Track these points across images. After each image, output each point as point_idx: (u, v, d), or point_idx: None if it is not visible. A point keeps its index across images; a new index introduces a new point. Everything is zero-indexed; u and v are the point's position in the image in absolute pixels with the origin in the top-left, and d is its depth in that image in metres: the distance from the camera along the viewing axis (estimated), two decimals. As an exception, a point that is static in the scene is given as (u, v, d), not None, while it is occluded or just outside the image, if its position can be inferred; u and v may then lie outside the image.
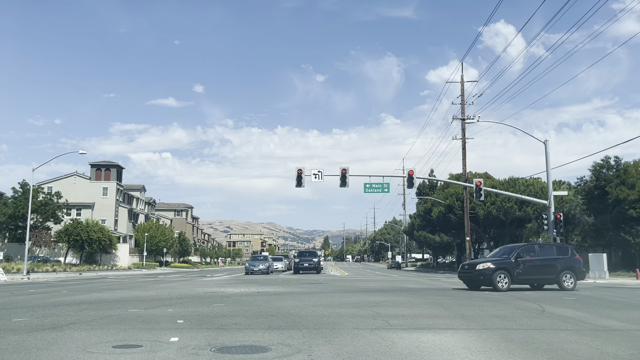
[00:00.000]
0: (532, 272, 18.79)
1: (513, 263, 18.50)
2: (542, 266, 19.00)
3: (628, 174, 39.02)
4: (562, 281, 18.93)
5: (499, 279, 18.11)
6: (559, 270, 19.00)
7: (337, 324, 9.18)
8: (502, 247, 20.82)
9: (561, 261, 19.24)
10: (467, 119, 42.68)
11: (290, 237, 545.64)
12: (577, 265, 19.53)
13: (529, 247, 19.70)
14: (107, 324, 9.21)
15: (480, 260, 20.24)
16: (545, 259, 19.23)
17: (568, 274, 19.06)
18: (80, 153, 38.77)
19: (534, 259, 19.00)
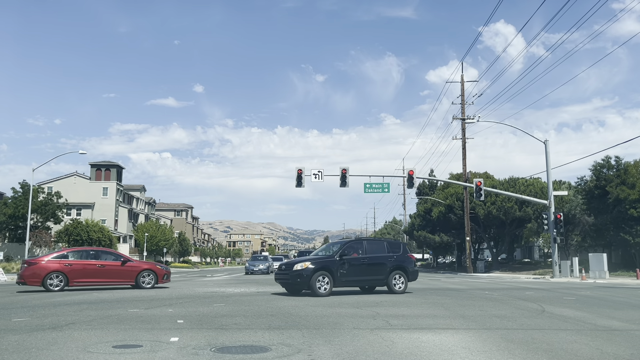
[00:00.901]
0: (359, 273, 16.33)
1: (337, 262, 15.94)
2: (371, 265, 16.59)
3: (628, 173, 39.00)
4: (392, 283, 16.72)
5: (319, 281, 15.44)
6: (389, 270, 16.76)
7: (337, 324, 9.18)
8: (329, 243, 17.31)
9: (392, 260, 16.95)
10: (467, 119, 42.67)
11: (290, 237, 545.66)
12: (408, 264, 17.39)
13: (357, 244, 17.25)
14: (107, 324, 9.21)
15: (300, 258, 17.64)
16: (375, 256, 16.82)
17: (398, 274, 16.85)
18: (80, 153, 38.82)
19: (362, 257, 16.52)
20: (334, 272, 15.77)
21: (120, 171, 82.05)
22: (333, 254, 16.35)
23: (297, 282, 15.66)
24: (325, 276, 15.58)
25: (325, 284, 15.52)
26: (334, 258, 16.06)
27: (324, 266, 15.77)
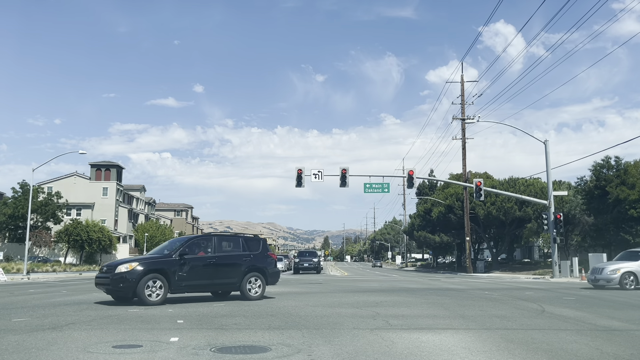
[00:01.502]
0: (204, 275, 13.59)
1: (175, 262, 13.17)
2: (220, 266, 13.96)
3: (628, 174, 39.00)
4: (246, 287, 14.18)
5: (148, 287, 12.59)
6: (243, 271, 14.23)
7: (337, 324, 9.18)
8: (174, 239, 15.35)
9: (248, 260, 14.38)
10: (467, 119, 42.68)
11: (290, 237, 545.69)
12: (268, 265, 14.89)
13: (204, 240, 14.41)
14: (107, 324, 9.21)
15: (126, 259, 14.72)
16: (227, 255, 14.26)
17: (254, 277, 14.34)
18: (80, 153, 38.80)
19: (210, 257, 13.83)
20: (169, 274, 12.95)
21: (120, 171, 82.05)
22: (171, 253, 13.54)
23: (120, 287, 12.64)
24: (158, 280, 12.73)
25: (157, 290, 12.68)
26: (172, 257, 13.27)
27: (157, 267, 12.94)
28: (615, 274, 19.59)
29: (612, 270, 19.75)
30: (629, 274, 19.51)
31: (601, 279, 19.98)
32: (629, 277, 19.45)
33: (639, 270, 19.56)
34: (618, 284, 19.38)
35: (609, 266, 20.23)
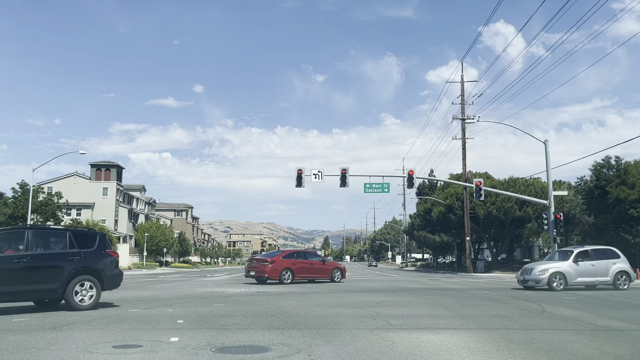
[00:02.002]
0: (11, 281, 10.41)
1: None
2: (35, 269, 10.76)
3: (629, 173, 38.99)
4: (72, 295, 11.15)
5: None
6: (68, 274, 11.11)
7: (337, 324, 9.18)
8: None
9: (76, 259, 11.35)
10: (467, 119, 42.68)
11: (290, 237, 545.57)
12: (105, 265, 11.89)
13: (14, 234, 11.31)
14: (107, 324, 9.21)
15: None
16: (45, 254, 11.12)
17: (85, 281, 11.36)
18: (80, 153, 38.83)
19: (20, 256, 10.67)
20: None
21: (120, 171, 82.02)
22: None
23: None
24: None
25: None
26: None
27: None
28: (543, 274, 18.69)
29: (541, 270, 18.87)
30: (557, 274, 18.66)
31: (530, 279, 19.06)
32: (557, 278, 18.64)
33: (568, 271, 18.78)
34: (547, 284, 18.57)
35: (538, 266, 19.33)
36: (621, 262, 19.91)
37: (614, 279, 19.44)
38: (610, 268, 19.54)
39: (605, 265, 19.51)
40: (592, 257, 19.51)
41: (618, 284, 19.43)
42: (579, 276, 19.02)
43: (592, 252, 19.72)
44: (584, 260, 19.32)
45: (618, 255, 20.26)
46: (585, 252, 19.63)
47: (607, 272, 19.42)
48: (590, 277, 19.23)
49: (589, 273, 19.21)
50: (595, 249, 20.19)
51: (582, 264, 19.16)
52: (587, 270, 19.15)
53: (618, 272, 19.54)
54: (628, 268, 19.97)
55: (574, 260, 19.16)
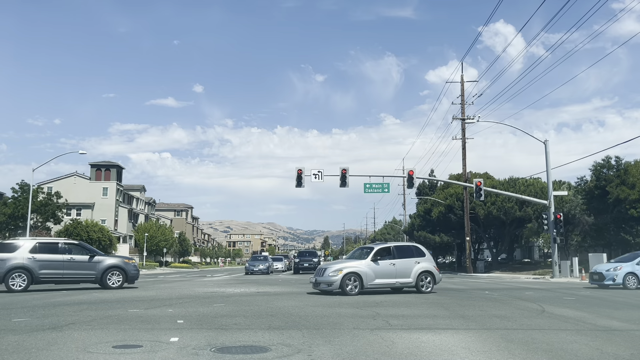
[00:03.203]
0: None
1: None
2: None
3: (629, 173, 39.02)
4: None
5: None
6: None
7: (337, 324, 9.18)
8: None
9: None
10: (467, 119, 42.68)
11: (290, 237, 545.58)
12: None
13: None
14: (107, 324, 9.21)
15: None
16: None
17: None
18: (80, 153, 38.82)
19: None
20: None
21: (120, 171, 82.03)
22: None
23: None
24: None
25: None
26: None
27: None
28: (336, 275, 16.07)
29: (334, 271, 16.23)
30: (351, 276, 16.17)
31: (322, 281, 16.41)
32: (351, 280, 16.08)
33: (365, 271, 16.40)
34: (339, 287, 15.98)
35: (332, 266, 16.73)
36: (426, 262, 17.62)
37: (416, 280, 17.09)
38: (413, 268, 17.19)
39: (408, 265, 17.18)
40: (395, 255, 17.15)
41: (421, 285, 17.18)
42: (378, 277, 16.59)
43: (395, 250, 17.35)
44: (385, 258, 16.92)
45: (423, 253, 17.93)
46: (386, 250, 17.25)
47: (409, 272, 17.10)
48: (391, 279, 16.85)
49: (389, 274, 16.82)
50: (399, 246, 17.76)
51: (383, 263, 16.77)
52: (387, 270, 16.78)
53: (421, 273, 17.28)
54: (432, 268, 17.77)
55: (373, 259, 16.66)
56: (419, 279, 17.17)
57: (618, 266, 21.14)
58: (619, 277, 20.60)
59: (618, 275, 20.67)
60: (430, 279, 17.45)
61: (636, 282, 20.48)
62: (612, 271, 20.93)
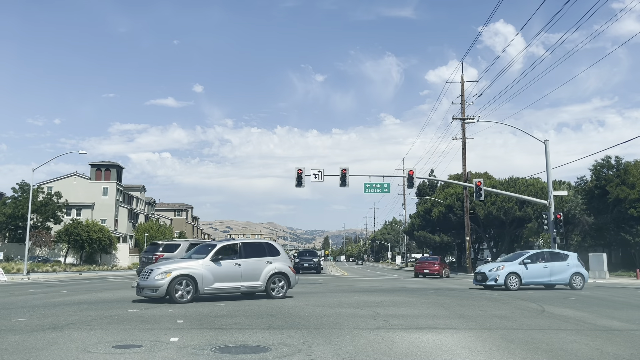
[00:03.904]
0: None
1: None
2: None
3: (628, 173, 39.03)
4: None
5: None
6: None
7: (337, 324, 9.18)
8: None
9: None
10: (467, 119, 42.68)
11: (290, 237, 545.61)
12: None
13: None
14: (107, 324, 9.21)
15: None
16: None
17: None
18: (80, 153, 38.76)
19: None
20: None
21: (120, 171, 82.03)
22: None
23: None
24: None
25: None
26: None
27: None
28: (163, 279, 13.28)
29: (162, 273, 13.47)
30: (182, 279, 13.37)
31: (146, 286, 13.57)
32: (183, 284, 13.40)
33: (201, 273, 13.75)
34: (166, 293, 13.29)
35: (162, 267, 13.85)
36: (280, 262, 15.29)
37: (266, 284, 14.76)
38: (264, 269, 14.81)
39: (257, 266, 14.81)
40: (242, 254, 14.77)
41: (272, 288, 14.90)
42: (218, 280, 14.08)
43: (243, 248, 14.98)
44: (229, 258, 14.56)
45: (277, 251, 15.61)
46: (232, 247, 15.00)
47: (258, 274, 14.71)
48: (235, 282, 14.34)
49: (234, 276, 14.38)
50: (248, 243, 15.51)
51: (226, 264, 14.36)
52: (230, 272, 14.37)
53: (273, 275, 14.95)
54: (287, 269, 15.46)
55: (213, 258, 14.16)
56: (269, 282, 14.81)
57: (500, 266, 20.20)
58: (501, 278, 19.60)
59: (500, 276, 19.64)
60: (285, 283, 15.06)
61: (518, 282, 19.54)
62: (495, 271, 19.93)
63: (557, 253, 21.39)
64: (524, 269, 19.78)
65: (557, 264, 20.21)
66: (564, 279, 20.12)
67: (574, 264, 20.43)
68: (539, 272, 19.90)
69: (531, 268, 19.84)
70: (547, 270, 19.98)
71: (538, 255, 20.65)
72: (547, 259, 20.33)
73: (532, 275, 19.82)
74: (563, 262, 20.35)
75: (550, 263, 20.13)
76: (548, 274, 19.96)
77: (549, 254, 20.85)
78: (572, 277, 20.13)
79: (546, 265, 20.04)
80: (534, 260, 20.18)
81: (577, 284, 20.07)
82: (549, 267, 20.01)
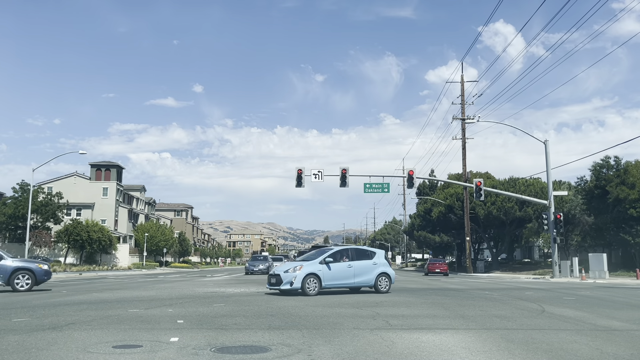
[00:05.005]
0: None
1: None
2: None
3: (628, 173, 39.03)
4: None
5: None
6: None
7: (337, 324, 9.18)
8: None
9: None
10: (467, 119, 42.70)
11: (290, 237, 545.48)
12: None
13: None
14: (107, 324, 9.20)
15: None
16: None
17: None
18: (80, 153, 38.79)
19: None
20: None
21: (120, 171, 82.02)
22: None
23: None
24: None
25: None
26: None
27: None
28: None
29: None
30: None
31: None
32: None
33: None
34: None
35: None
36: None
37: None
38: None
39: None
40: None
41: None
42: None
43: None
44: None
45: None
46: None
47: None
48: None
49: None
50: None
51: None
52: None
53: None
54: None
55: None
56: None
57: (298, 266, 16.36)
58: (297, 280, 15.88)
59: (297, 278, 15.90)
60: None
61: (317, 285, 16.05)
62: (292, 272, 16.13)
63: (363, 250, 18.19)
64: (326, 270, 16.33)
65: (362, 263, 17.12)
66: (369, 280, 17.10)
67: (381, 262, 17.50)
68: (342, 273, 16.66)
69: (334, 268, 16.49)
70: (351, 271, 16.78)
71: (342, 252, 17.31)
72: (352, 257, 17.14)
73: (335, 277, 16.53)
74: (369, 261, 17.33)
75: (355, 262, 16.97)
76: (352, 275, 16.81)
77: (354, 252, 17.57)
78: (378, 279, 17.19)
79: (350, 264, 16.83)
80: (338, 258, 16.85)
81: (382, 286, 17.17)
82: (353, 267, 16.83)
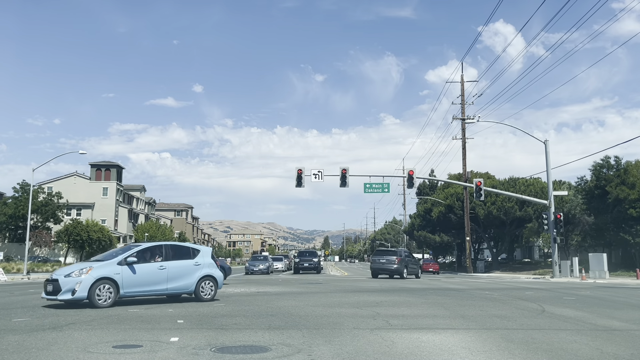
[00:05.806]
0: None
1: None
2: None
3: (628, 173, 39.01)
4: None
5: None
6: None
7: (337, 324, 9.18)
8: None
9: None
10: (467, 119, 42.69)
11: (290, 237, 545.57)
12: None
13: None
14: (107, 323, 9.21)
15: None
16: None
17: None
18: (80, 153, 38.74)
19: None
20: None
21: (120, 171, 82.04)
22: None
23: None
24: None
25: None
26: None
27: None
28: None
29: None
30: None
31: None
32: None
33: None
34: None
35: None
36: None
37: None
38: None
39: None
40: None
41: None
42: None
43: None
44: None
45: None
46: None
47: None
48: None
49: None
50: None
51: None
52: None
53: None
54: None
55: None
56: None
57: (86, 268, 12.25)
58: (83, 287, 11.83)
59: (82, 284, 11.83)
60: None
61: (113, 293, 12.20)
62: (75, 276, 12.00)
63: (181, 247, 14.54)
64: (128, 272, 12.56)
65: (180, 264, 13.67)
66: (188, 286, 13.69)
67: (205, 263, 14.23)
68: (151, 277, 12.99)
69: (140, 270, 12.80)
70: (163, 274, 13.21)
71: (153, 250, 13.52)
72: (167, 256, 13.54)
73: (140, 282, 12.78)
74: (189, 261, 13.91)
75: (170, 262, 13.46)
76: (165, 279, 13.24)
77: (170, 249, 13.86)
78: (200, 283, 13.87)
79: (163, 265, 13.26)
80: (146, 258, 13.21)
81: (206, 293, 13.94)
82: (167, 269, 13.29)
